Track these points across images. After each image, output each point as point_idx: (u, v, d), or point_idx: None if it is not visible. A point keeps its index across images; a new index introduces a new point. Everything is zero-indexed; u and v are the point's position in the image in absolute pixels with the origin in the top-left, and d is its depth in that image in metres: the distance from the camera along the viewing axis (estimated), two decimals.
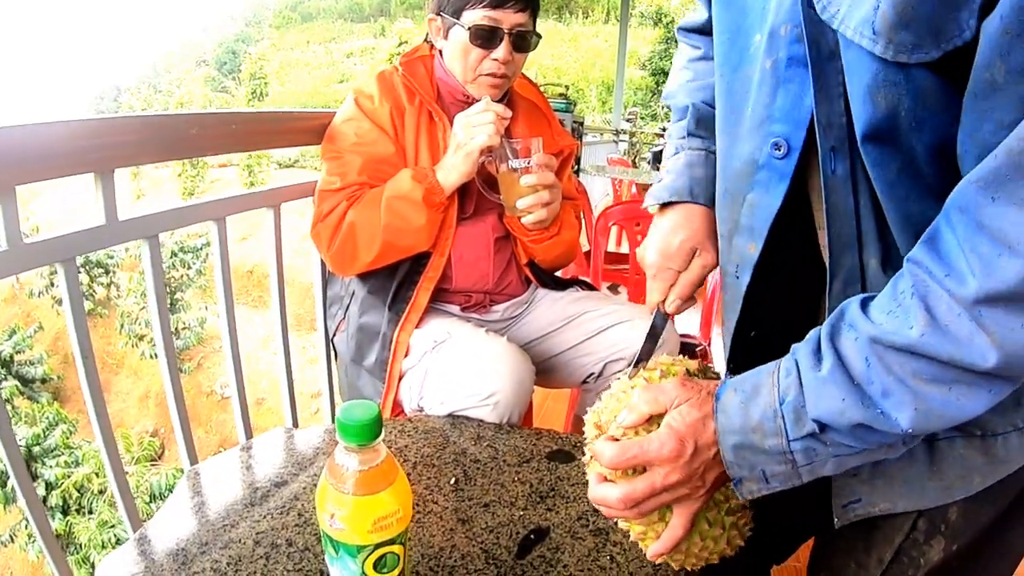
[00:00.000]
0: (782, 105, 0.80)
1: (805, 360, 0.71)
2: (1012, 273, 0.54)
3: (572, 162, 1.93)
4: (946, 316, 0.59)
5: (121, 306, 20.22)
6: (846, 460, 0.72)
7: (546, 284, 1.88)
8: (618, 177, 6.51)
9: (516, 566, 0.96)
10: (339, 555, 0.74)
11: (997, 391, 0.61)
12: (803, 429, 0.70)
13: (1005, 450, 0.75)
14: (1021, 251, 0.54)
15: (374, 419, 0.69)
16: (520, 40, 1.60)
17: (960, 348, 0.58)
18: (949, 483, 0.78)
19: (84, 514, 12.93)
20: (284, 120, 1.82)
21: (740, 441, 0.74)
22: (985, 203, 0.56)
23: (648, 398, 0.82)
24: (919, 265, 0.62)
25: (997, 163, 0.55)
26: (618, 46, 10.95)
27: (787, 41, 0.77)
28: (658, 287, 1.03)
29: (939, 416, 0.62)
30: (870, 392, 0.64)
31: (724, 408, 0.77)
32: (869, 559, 0.88)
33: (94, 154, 1.28)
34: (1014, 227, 0.54)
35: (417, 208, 1.53)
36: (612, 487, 0.82)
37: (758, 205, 0.85)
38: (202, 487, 1.14)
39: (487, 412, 1.41)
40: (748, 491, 0.77)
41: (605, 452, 0.81)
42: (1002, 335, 0.56)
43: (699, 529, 0.85)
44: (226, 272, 1.70)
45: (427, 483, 1.16)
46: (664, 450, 0.76)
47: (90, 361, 1.35)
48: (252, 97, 38.09)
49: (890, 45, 0.62)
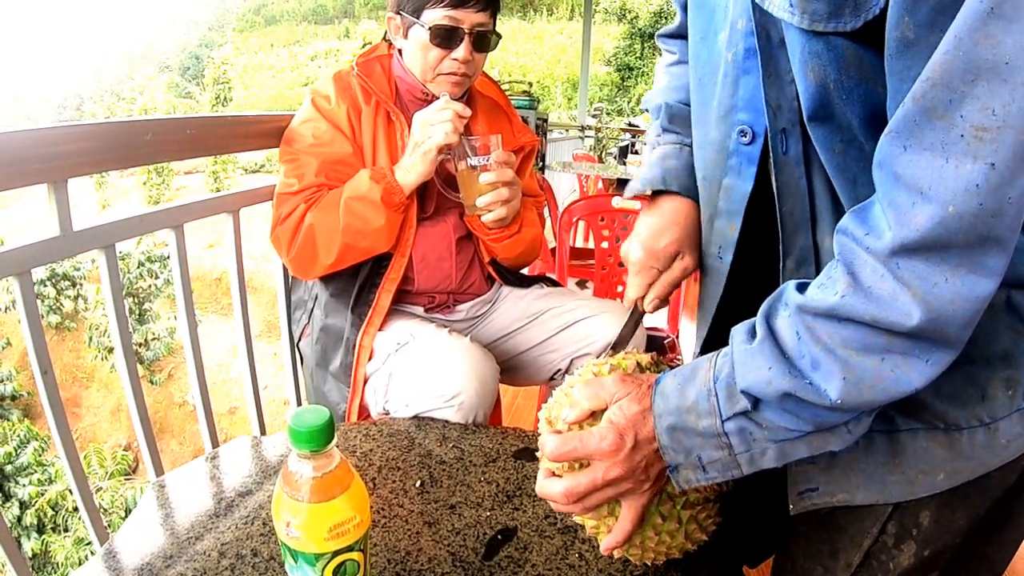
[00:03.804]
0: (744, 95, 0.83)
1: (739, 337, 0.72)
2: (925, 218, 0.54)
3: (534, 158, 1.93)
4: (869, 278, 0.59)
5: (89, 319, 19.93)
6: (788, 448, 0.72)
7: (510, 282, 1.87)
8: (584, 173, 6.53)
9: (484, 568, 0.96)
10: (298, 564, 0.73)
11: (935, 361, 0.60)
12: (735, 406, 0.71)
13: (971, 446, 0.73)
14: (932, 195, 0.54)
15: (325, 424, 0.68)
16: (480, 40, 1.60)
17: (882, 308, 0.58)
18: (911, 477, 0.77)
19: (60, 532, 12.74)
20: (242, 124, 1.79)
21: (674, 422, 0.75)
22: (898, 152, 0.56)
23: (589, 394, 0.83)
24: (845, 233, 0.63)
25: (905, 111, 0.55)
26: (582, 42, 10.98)
27: (743, 34, 0.80)
28: (639, 283, 1.04)
29: (871, 387, 0.62)
30: (800, 365, 0.65)
31: (662, 392, 0.78)
32: (836, 563, 0.87)
33: (46, 164, 1.25)
34: (925, 172, 0.54)
35: (376, 209, 1.52)
36: (556, 481, 0.82)
37: (732, 188, 0.88)
38: (167, 499, 1.12)
39: (452, 413, 1.41)
40: (685, 480, 0.78)
41: (547, 445, 0.82)
42: (924, 289, 0.56)
43: (652, 523, 0.85)
44: (185, 280, 1.68)
45: (392, 487, 1.15)
46: (603, 444, 0.77)
47: (49, 376, 1.32)
48: (216, 102, 37.73)
49: (805, 16, 0.64)
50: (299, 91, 45.02)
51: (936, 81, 0.52)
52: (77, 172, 1.33)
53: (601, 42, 44.26)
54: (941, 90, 0.52)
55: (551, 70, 44.37)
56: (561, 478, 0.83)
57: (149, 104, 35.67)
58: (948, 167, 0.53)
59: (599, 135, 9.38)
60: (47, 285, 18.76)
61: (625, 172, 5.82)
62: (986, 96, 0.50)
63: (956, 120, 0.52)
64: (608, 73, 44.21)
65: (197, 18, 62.23)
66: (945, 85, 0.52)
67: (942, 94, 0.52)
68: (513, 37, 49.11)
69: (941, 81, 0.52)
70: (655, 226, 1.03)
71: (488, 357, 1.51)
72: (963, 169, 0.52)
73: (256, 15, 64.80)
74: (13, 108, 46.95)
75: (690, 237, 1.01)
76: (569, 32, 49.14)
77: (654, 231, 1.02)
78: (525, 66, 44.61)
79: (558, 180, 8.22)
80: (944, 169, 0.53)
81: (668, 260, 1.02)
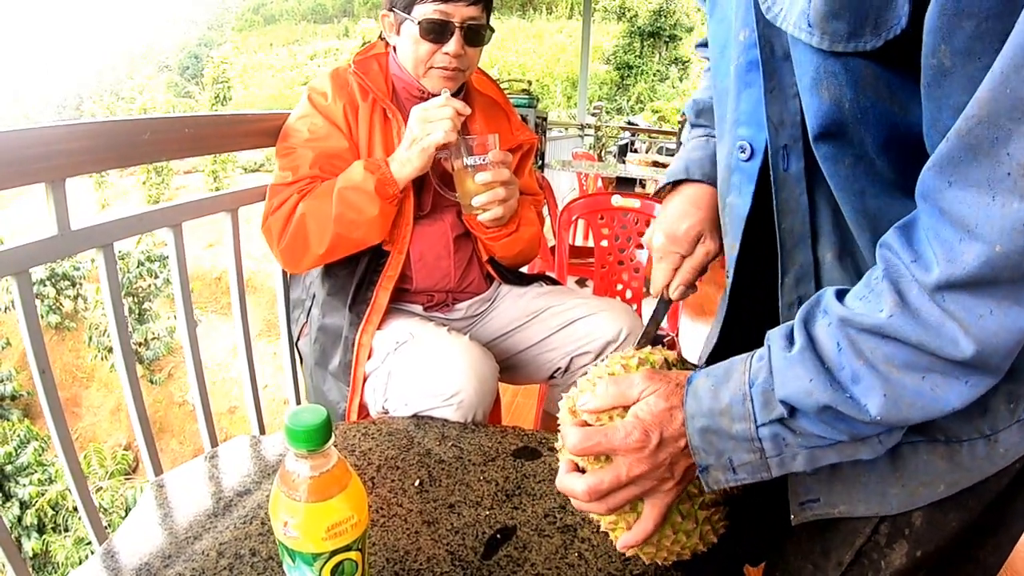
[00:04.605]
0: (745, 108, 0.82)
1: (777, 343, 0.71)
2: (971, 257, 0.54)
3: (533, 157, 1.92)
4: (916, 300, 0.59)
5: (89, 319, 19.91)
6: (818, 454, 0.72)
7: (509, 280, 1.87)
8: (583, 171, 6.52)
9: (483, 567, 0.96)
10: (296, 564, 0.73)
11: (974, 384, 0.60)
12: (771, 413, 0.70)
13: (971, 458, 0.73)
14: (979, 234, 0.53)
15: (322, 424, 0.68)
16: (472, 34, 1.59)
17: (929, 333, 0.58)
18: (912, 490, 0.76)
19: (60, 532, 12.74)
20: (240, 122, 1.79)
21: (707, 424, 0.74)
22: (943, 188, 0.55)
23: (615, 391, 0.82)
24: (890, 249, 0.62)
25: (949, 146, 0.54)
26: (581, 41, 10.99)
27: (746, 46, 0.79)
28: (663, 269, 1.04)
29: (910, 405, 0.62)
30: (840, 377, 0.64)
31: (694, 392, 0.76)
32: (827, 561, 0.87)
33: (44, 163, 1.25)
34: (971, 210, 0.53)
35: (369, 199, 1.51)
36: (579, 478, 0.81)
37: (732, 207, 0.88)
38: (167, 498, 1.12)
39: (451, 412, 1.41)
40: (714, 480, 0.77)
41: (570, 437, 0.81)
42: (971, 321, 0.56)
43: (671, 521, 0.85)
44: (185, 279, 1.68)
45: (391, 486, 1.15)
46: (629, 440, 0.76)
47: (48, 376, 1.32)
48: (216, 101, 37.69)
49: (825, 36, 0.63)
50: (298, 90, 44.85)
51: (982, 118, 0.51)
52: (75, 171, 1.32)
53: (600, 40, 44.30)
54: (987, 128, 0.51)
55: (550, 69, 44.40)
56: (583, 474, 0.82)
57: (149, 104, 35.64)
58: (995, 205, 0.52)
59: (598, 133, 9.36)
60: (47, 285, 18.74)
61: (624, 171, 5.82)
62: None
63: (1003, 158, 0.51)
64: (608, 71, 44.25)
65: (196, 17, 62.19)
66: (991, 123, 0.51)
67: (988, 132, 0.51)
68: (512, 36, 49.13)
69: (987, 118, 0.51)
70: (676, 211, 1.03)
71: (487, 356, 1.51)
72: (1010, 208, 0.51)
73: (255, 14, 64.76)
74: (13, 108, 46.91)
75: (712, 220, 1.02)
76: (569, 31, 49.14)
77: (675, 215, 1.03)
78: (524, 65, 44.61)
79: (558, 179, 8.22)
80: (991, 207, 0.52)
81: (691, 244, 1.02)
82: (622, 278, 2.85)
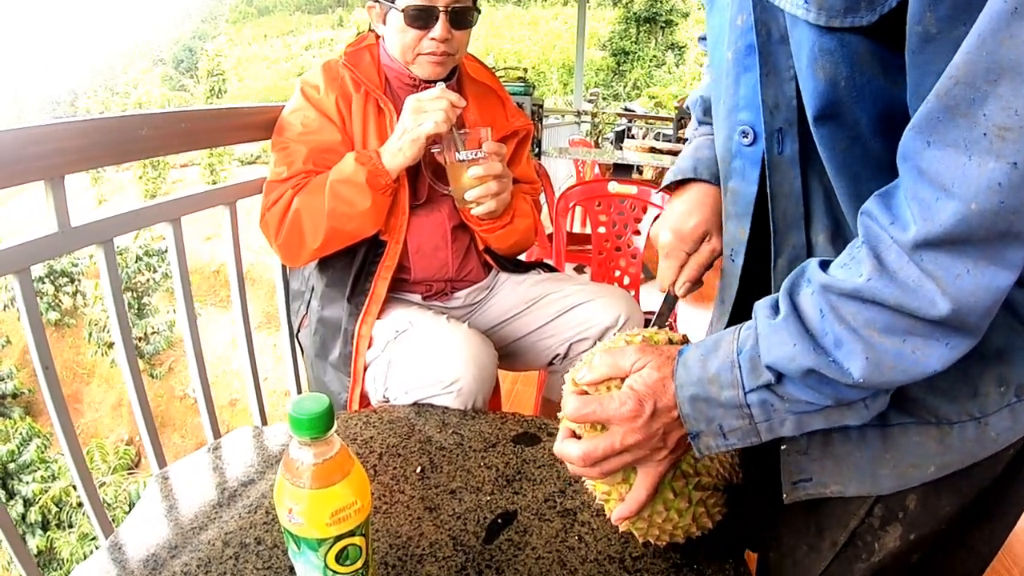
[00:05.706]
0: (744, 93, 0.83)
1: (763, 312, 0.72)
2: (947, 215, 0.55)
3: (530, 143, 1.92)
4: (895, 263, 0.60)
5: (88, 315, 19.91)
6: (806, 420, 0.73)
7: (507, 268, 1.87)
8: (580, 158, 6.51)
9: (484, 551, 0.97)
10: (301, 550, 0.74)
11: (954, 345, 0.61)
12: (759, 379, 0.71)
13: (961, 440, 0.75)
14: (956, 192, 0.54)
15: (325, 411, 0.69)
16: (457, 16, 1.58)
17: (907, 294, 0.59)
18: (902, 471, 0.78)
19: (64, 528, 12.79)
20: (235, 116, 1.79)
21: (697, 392, 0.75)
22: (922, 148, 0.57)
23: (609, 361, 0.83)
24: (870, 216, 0.63)
25: (929, 107, 0.55)
26: (577, 27, 10.94)
27: (743, 30, 0.79)
28: (670, 266, 1.06)
29: (892, 368, 0.63)
30: (823, 342, 0.65)
31: (684, 362, 0.78)
32: (822, 541, 0.88)
33: (42, 161, 1.25)
34: (948, 169, 0.54)
35: (361, 191, 1.51)
36: (575, 443, 0.83)
37: (738, 192, 0.88)
38: (171, 491, 1.13)
39: (451, 399, 1.42)
40: (706, 446, 0.78)
41: (568, 405, 0.83)
42: (948, 280, 0.57)
43: (663, 497, 0.86)
44: (184, 273, 1.68)
45: (393, 473, 1.16)
46: (623, 409, 0.78)
47: (51, 372, 1.33)
48: (211, 94, 37.60)
49: (821, 12, 0.64)
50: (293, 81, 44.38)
51: (959, 79, 0.52)
52: (73, 168, 1.33)
53: (596, 27, 44.18)
54: (964, 88, 0.52)
55: (546, 56, 44.25)
56: (579, 440, 0.83)
57: (144, 98, 35.51)
58: (971, 164, 0.53)
59: (595, 120, 9.35)
60: (45, 282, 18.77)
61: (621, 157, 5.81)
62: (1009, 96, 0.50)
63: (979, 118, 0.52)
64: (604, 58, 44.14)
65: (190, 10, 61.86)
66: (968, 84, 0.52)
67: (965, 92, 0.52)
68: (508, 24, 48.94)
69: (964, 79, 0.52)
70: (683, 209, 1.04)
71: (486, 343, 1.51)
72: (985, 167, 0.52)
73: (249, 6, 64.46)
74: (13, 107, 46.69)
75: (717, 218, 1.02)
76: (564, 17, 48.99)
77: (682, 214, 1.04)
78: (520, 52, 44.49)
79: (555, 166, 8.21)
80: (967, 166, 0.53)
81: (696, 242, 1.03)
82: (620, 264, 2.85)
